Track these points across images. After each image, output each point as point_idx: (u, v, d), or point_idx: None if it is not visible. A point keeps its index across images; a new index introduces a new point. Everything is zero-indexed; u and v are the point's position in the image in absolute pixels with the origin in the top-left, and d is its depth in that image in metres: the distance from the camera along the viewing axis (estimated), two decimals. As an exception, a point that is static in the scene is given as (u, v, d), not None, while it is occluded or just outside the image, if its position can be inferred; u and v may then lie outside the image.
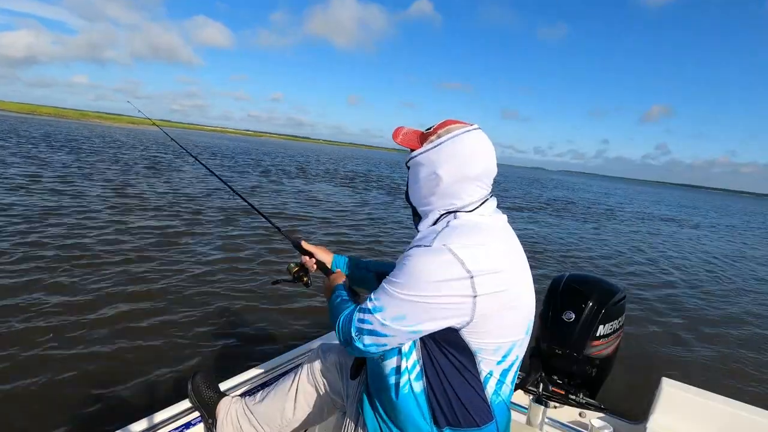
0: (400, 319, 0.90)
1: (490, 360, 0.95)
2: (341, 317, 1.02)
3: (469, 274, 0.85)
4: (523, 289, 0.95)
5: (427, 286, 0.87)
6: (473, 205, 0.99)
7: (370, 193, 16.16)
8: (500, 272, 0.89)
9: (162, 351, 3.34)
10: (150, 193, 10.04)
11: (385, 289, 0.92)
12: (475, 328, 0.90)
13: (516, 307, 0.93)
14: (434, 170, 0.98)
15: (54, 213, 7.05)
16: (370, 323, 0.93)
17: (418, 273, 0.88)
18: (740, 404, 1.74)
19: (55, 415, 2.54)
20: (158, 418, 1.41)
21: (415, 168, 1.04)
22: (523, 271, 0.98)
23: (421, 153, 1.01)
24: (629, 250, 10.33)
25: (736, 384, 3.85)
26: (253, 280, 5.02)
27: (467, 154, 0.97)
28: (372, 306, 0.94)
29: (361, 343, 0.95)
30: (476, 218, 0.97)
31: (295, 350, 1.96)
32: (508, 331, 0.94)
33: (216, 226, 7.51)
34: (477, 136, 0.99)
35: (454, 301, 0.86)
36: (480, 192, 0.99)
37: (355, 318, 0.97)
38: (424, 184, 1.01)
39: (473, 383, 0.95)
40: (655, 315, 5.53)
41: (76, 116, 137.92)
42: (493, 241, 0.92)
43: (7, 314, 3.55)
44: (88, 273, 4.61)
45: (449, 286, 0.86)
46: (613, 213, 20.33)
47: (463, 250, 0.87)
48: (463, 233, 0.91)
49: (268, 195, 12.28)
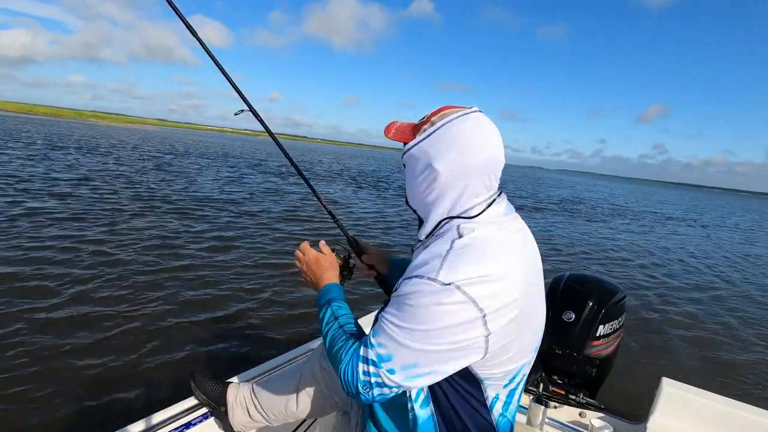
0: (410, 368, 0.78)
1: (497, 385, 0.87)
2: (342, 367, 0.85)
3: (481, 313, 0.75)
4: (535, 308, 0.87)
5: (439, 332, 0.75)
6: (480, 206, 0.85)
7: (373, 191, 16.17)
8: (512, 303, 0.79)
9: (162, 351, 3.32)
10: (149, 192, 10.03)
11: (389, 335, 0.79)
12: (484, 362, 0.81)
13: (527, 330, 0.84)
14: (430, 162, 0.85)
15: (61, 213, 7.04)
16: (376, 375, 0.80)
17: (427, 318, 0.75)
18: (740, 404, 1.74)
19: (55, 415, 2.53)
20: (158, 418, 1.41)
21: (410, 163, 0.90)
22: (537, 285, 0.88)
23: (414, 145, 0.88)
24: (629, 249, 10.33)
25: (736, 384, 3.86)
26: (253, 281, 5.01)
27: (468, 141, 0.83)
28: (377, 355, 0.80)
29: (370, 396, 0.82)
30: (485, 230, 0.83)
31: (294, 350, 1.96)
32: (518, 356, 0.85)
33: (216, 226, 7.49)
34: (477, 119, 0.85)
35: (467, 344, 0.77)
36: (486, 188, 0.86)
37: (359, 371, 0.82)
38: (421, 181, 0.88)
39: (479, 408, 0.89)
40: (655, 315, 5.53)
41: (72, 116, 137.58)
42: (507, 264, 0.79)
43: (8, 314, 3.54)
44: (88, 273, 4.60)
45: (461, 330, 0.75)
46: (612, 212, 20.35)
47: (473, 286, 0.75)
48: (472, 260, 0.78)
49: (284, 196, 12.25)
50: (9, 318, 3.48)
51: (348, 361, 0.84)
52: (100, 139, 31.67)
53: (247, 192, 12.24)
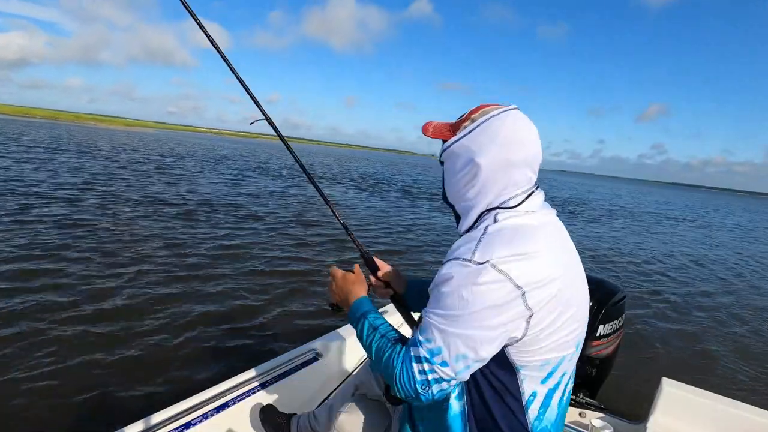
0: (462, 359, 0.78)
1: (534, 377, 0.84)
2: (396, 372, 0.84)
3: (520, 291, 0.75)
4: (576, 297, 0.84)
5: (480, 314, 0.76)
6: (518, 198, 0.86)
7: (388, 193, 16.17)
8: (552, 280, 0.78)
9: (162, 351, 3.33)
10: (150, 194, 10.02)
11: (435, 327, 0.80)
12: (523, 346, 0.80)
13: (568, 318, 0.82)
14: (472, 158, 0.86)
15: (68, 214, 7.02)
16: (432, 372, 0.80)
17: (466, 301, 0.76)
18: (740, 404, 1.75)
19: (56, 416, 2.54)
20: (158, 418, 1.41)
21: (451, 160, 0.92)
22: (577, 276, 0.86)
23: (456, 141, 0.90)
24: (629, 249, 10.34)
25: (735, 384, 3.86)
26: (253, 281, 5.00)
27: (509, 136, 0.85)
28: (428, 351, 0.80)
29: (429, 394, 0.82)
30: (521, 218, 0.84)
31: (294, 350, 1.97)
32: (558, 345, 0.82)
33: (223, 230, 7.48)
34: (517, 115, 0.88)
35: (508, 322, 0.77)
36: (525, 182, 0.87)
37: (414, 371, 0.81)
38: (462, 176, 0.89)
39: (514, 407, 0.85)
40: (655, 315, 5.53)
41: (70, 118, 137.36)
42: (543, 244, 0.80)
43: (9, 314, 3.54)
44: (89, 273, 4.60)
45: (503, 307, 0.75)
46: (612, 212, 20.37)
47: (509, 263, 0.76)
48: (506, 240, 0.79)
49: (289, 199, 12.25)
50: (9, 319, 3.48)
51: (401, 365, 0.84)
52: (101, 142, 31.64)
53: (253, 194, 12.24)
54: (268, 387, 1.72)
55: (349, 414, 1.33)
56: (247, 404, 1.63)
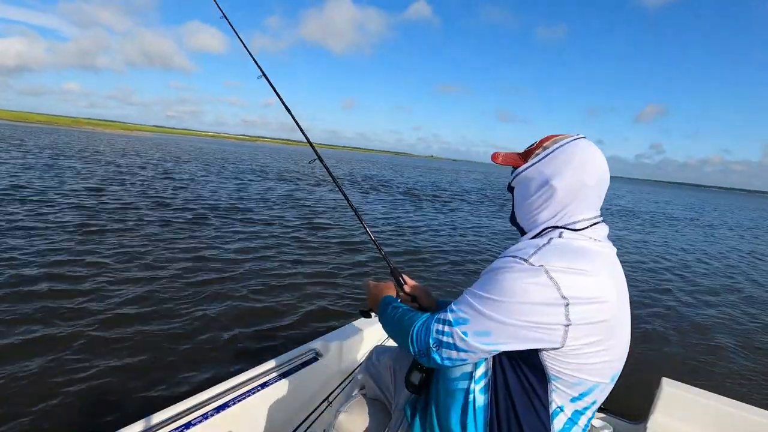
0: (483, 336, 0.82)
1: (566, 393, 0.84)
2: (415, 326, 0.93)
3: (564, 301, 0.77)
4: (620, 329, 0.84)
5: (517, 307, 0.79)
6: (584, 222, 0.90)
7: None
8: (599, 304, 0.79)
9: (162, 351, 3.33)
10: (151, 195, 10.02)
11: (470, 302, 0.85)
12: (560, 356, 0.80)
13: (609, 346, 0.82)
14: (547, 181, 0.92)
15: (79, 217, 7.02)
16: (450, 335, 0.85)
17: (508, 291, 0.80)
18: (740, 404, 1.74)
19: (56, 416, 2.54)
20: (158, 418, 1.41)
21: (524, 185, 0.97)
22: (624, 311, 0.86)
23: (531, 166, 0.96)
24: (629, 249, 10.36)
25: (736, 384, 3.86)
26: (253, 282, 5.01)
27: (582, 161, 0.90)
28: (454, 318, 0.86)
29: (438, 355, 0.88)
30: (585, 242, 0.87)
31: (294, 350, 1.97)
32: (595, 370, 0.82)
33: (216, 228, 7.48)
34: (588, 143, 0.93)
35: (545, 327, 0.78)
36: (593, 207, 0.92)
37: (433, 328, 0.89)
38: (536, 199, 0.94)
39: (539, 411, 0.85)
40: (655, 315, 5.54)
41: (69, 123, 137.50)
42: (598, 269, 0.81)
43: (10, 314, 3.54)
44: (88, 273, 4.60)
45: (541, 310, 0.78)
46: (612, 212, 20.39)
47: (561, 274, 0.78)
48: (566, 255, 0.82)
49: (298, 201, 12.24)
50: (10, 319, 3.49)
51: (423, 322, 0.93)
52: (101, 146, 31.63)
53: (256, 198, 12.25)
54: (268, 387, 1.72)
55: (349, 413, 1.34)
56: (247, 404, 1.63)
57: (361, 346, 2.21)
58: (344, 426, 1.32)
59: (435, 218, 12.14)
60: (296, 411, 1.81)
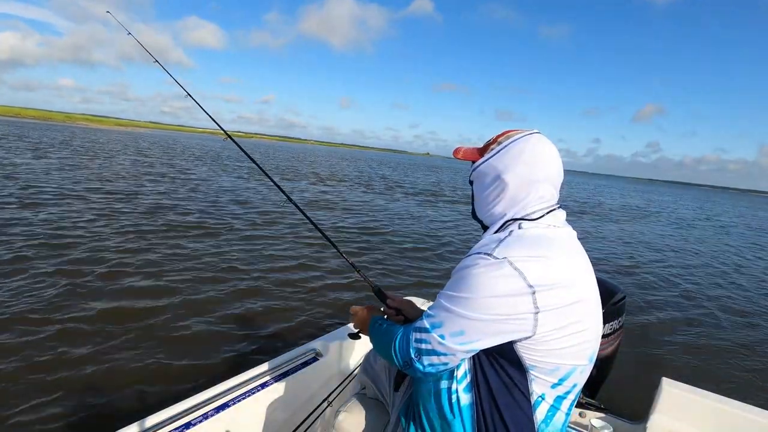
0: (458, 336, 0.84)
1: (545, 381, 0.86)
2: (396, 340, 0.95)
3: (530, 289, 0.79)
4: (589, 308, 0.87)
5: (486, 301, 0.81)
6: (540, 212, 0.93)
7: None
8: (565, 287, 0.82)
9: (162, 351, 3.32)
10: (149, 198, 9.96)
11: (442, 304, 0.87)
12: (533, 345, 0.82)
13: (581, 328, 0.84)
14: (499, 175, 0.95)
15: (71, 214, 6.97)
16: (428, 342, 0.87)
17: (476, 287, 0.82)
18: (740, 404, 1.75)
19: (55, 415, 2.53)
20: (158, 418, 1.41)
21: (480, 179, 1.01)
22: (590, 290, 0.89)
23: (484, 161, 1.00)
24: (628, 249, 10.37)
25: (736, 384, 3.86)
26: (253, 282, 4.99)
27: (532, 156, 0.94)
28: (430, 323, 0.88)
29: (420, 364, 0.90)
30: (543, 230, 0.90)
31: (294, 350, 1.96)
32: (570, 353, 0.85)
33: (215, 230, 7.45)
34: (540, 139, 0.97)
35: (515, 317, 0.80)
36: (547, 197, 0.94)
37: (412, 338, 0.91)
38: (490, 193, 0.98)
39: (522, 404, 0.87)
40: (655, 315, 5.53)
41: (62, 119, 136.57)
42: (558, 253, 0.85)
43: (10, 315, 3.53)
44: (87, 274, 4.57)
45: (510, 301, 0.80)
46: (611, 212, 20.41)
47: (524, 262, 0.81)
48: (526, 244, 0.85)
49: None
50: (10, 321, 3.48)
51: (402, 333, 0.95)
52: (99, 143, 31.42)
53: (250, 199, 12.20)
54: (268, 387, 1.71)
55: (348, 413, 1.34)
56: (247, 404, 1.62)
57: (361, 346, 2.21)
58: (344, 426, 1.32)
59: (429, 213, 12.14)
60: (296, 411, 1.80)
